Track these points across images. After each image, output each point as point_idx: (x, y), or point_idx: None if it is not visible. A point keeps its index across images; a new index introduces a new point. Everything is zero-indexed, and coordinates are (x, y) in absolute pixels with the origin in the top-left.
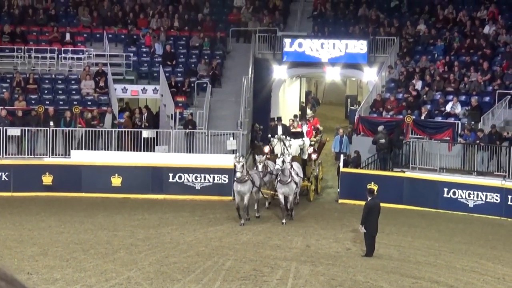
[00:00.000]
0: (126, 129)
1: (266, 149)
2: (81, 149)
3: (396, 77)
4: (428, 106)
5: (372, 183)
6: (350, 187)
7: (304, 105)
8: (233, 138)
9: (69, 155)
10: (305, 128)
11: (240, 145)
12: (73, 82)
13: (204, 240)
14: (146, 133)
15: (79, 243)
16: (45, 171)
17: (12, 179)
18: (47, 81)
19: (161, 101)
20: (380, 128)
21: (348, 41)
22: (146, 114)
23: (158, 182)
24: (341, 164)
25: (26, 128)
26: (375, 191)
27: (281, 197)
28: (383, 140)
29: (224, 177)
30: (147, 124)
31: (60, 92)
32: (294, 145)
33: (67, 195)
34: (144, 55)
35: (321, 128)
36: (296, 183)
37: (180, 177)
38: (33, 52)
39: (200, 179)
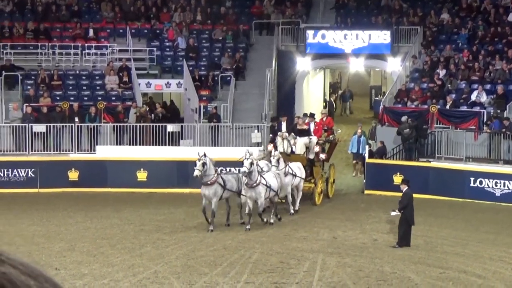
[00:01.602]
0: (151, 124)
1: (270, 147)
2: (107, 144)
3: (420, 66)
4: (453, 96)
5: (398, 173)
6: (375, 178)
7: (333, 99)
8: (258, 131)
9: (94, 150)
10: (312, 126)
11: (265, 137)
12: (97, 77)
13: (230, 233)
14: (171, 128)
15: (106, 238)
16: (71, 167)
17: (39, 175)
18: (71, 77)
19: (185, 95)
20: (404, 118)
21: (372, 32)
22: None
23: (184, 176)
24: (366, 155)
25: (52, 125)
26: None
27: (249, 202)
28: (407, 130)
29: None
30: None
31: (84, 88)
32: (299, 143)
33: (93, 191)
34: (168, 49)
35: (337, 129)
36: (268, 187)
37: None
38: (57, 48)
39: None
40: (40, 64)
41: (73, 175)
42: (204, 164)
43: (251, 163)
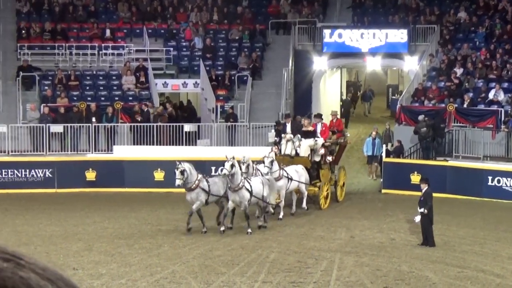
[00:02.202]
0: (168, 124)
1: (275, 149)
2: (124, 144)
3: (438, 65)
4: (471, 94)
5: (415, 172)
6: (393, 177)
7: (349, 98)
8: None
9: (111, 150)
10: (319, 128)
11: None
12: (114, 78)
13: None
14: (188, 127)
15: (124, 238)
16: (88, 167)
17: (56, 175)
18: (88, 78)
19: (202, 95)
20: (421, 117)
21: (388, 31)
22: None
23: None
24: (383, 154)
25: (69, 125)
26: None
27: (230, 205)
28: (424, 129)
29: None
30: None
31: (101, 88)
32: (304, 145)
33: (110, 191)
34: (184, 49)
35: (346, 131)
36: (248, 190)
37: (222, 170)
38: (74, 49)
39: None
40: (57, 65)
41: (91, 175)
42: (183, 171)
43: (232, 165)
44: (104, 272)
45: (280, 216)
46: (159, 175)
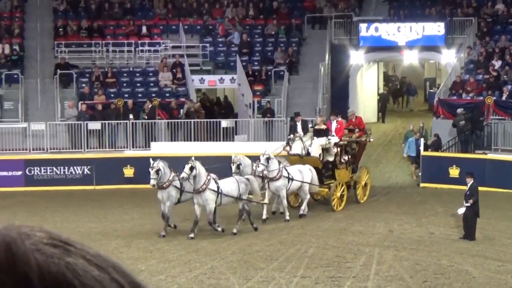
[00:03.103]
0: (206, 120)
1: (286, 148)
2: (161, 140)
3: (475, 58)
4: (509, 87)
5: (454, 166)
6: (431, 171)
7: (386, 92)
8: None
9: (149, 147)
10: (334, 126)
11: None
12: (150, 74)
13: (286, 228)
14: (225, 123)
15: (166, 235)
16: (126, 163)
17: (94, 172)
18: (125, 75)
19: (238, 90)
20: (459, 110)
21: (425, 24)
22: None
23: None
24: (421, 148)
25: (106, 122)
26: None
27: (196, 209)
28: (463, 122)
29: None
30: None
31: (138, 84)
32: (315, 144)
33: (148, 187)
34: (220, 45)
35: (369, 130)
36: (219, 193)
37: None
38: (110, 46)
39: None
40: (94, 62)
41: (129, 171)
42: (158, 171)
43: (191, 168)
44: (143, 268)
45: (287, 217)
46: None
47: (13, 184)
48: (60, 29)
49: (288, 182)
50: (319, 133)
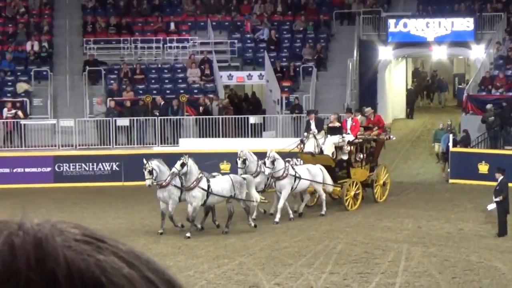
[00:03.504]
0: (234, 116)
1: (300, 145)
2: (189, 137)
3: (505, 53)
4: None
5: (483, 162)
6: (460, 167)
7: (413, 88)
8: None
9: (177, 143)
10: (349, 123)
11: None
12: (179, 70)
13: (314, 224)
14: (253, 119)
15: (191, 230)
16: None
17: (123, 168)
18: (153, 71)
19: (266, 86)
20: (489, 106)
21: (454, 19)
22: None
23: None
24: (450, 143)
25: (135, 118)
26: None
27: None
28: (492, 118)
29: None
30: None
31: (166, 81)
32: (328, 143)
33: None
34: (249, 41)
35: (388, 128)
36: (209, 192)
37: (288, 162)
38: (139, 42)
39: None
40: (123, 59)
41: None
42: (151, 171)
43: (182, 164)
44: (172, 264)
45: (291, 215)
46: (225, 167)
47: (42, 181)
48: (89, 26)
49: (295, 181)
50: (332, 131)
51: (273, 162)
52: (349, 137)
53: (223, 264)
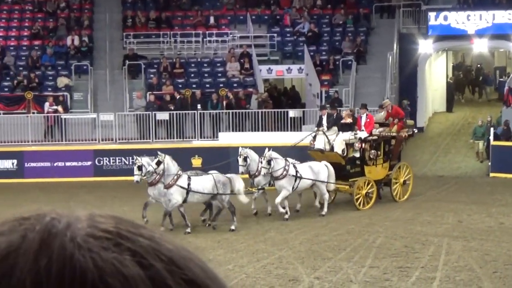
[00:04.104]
0: (273, 110)
1: (311, 142)
2: (229, 130)
3: None
4: None
5: None
6: (501, 161)
7: (452, 81)
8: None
9: (217, 137)
10: (363, 120)
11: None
12: (218, 64)
13: (354, 218)
14: (292, 113)
15: (230, 224)
16: (194, 153)
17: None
18: (193, 65)
19: (306, 80)
20: None
21: (496, 12)
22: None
23: (306, 161)
24: (491, 137)
25: (174, 112)
26: None
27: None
28: None
29: None
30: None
31: (206, 75)
32: (338, 140)
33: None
34: (288, 35)
35: (408, 120)
36: (188, 190)
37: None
38: (178, 36)
39: None
40: (162, 53)
41: (197, 162)
42: (140, 167)
43: (158, 162)
44: (211, 258)
45: (287, 216)
46: None
47: (83, 174)
48: (129, 20)
49: (296, 180)
50: (344, 127)
51: (269, 162)
52: (363, 134)
53: (262, 258)
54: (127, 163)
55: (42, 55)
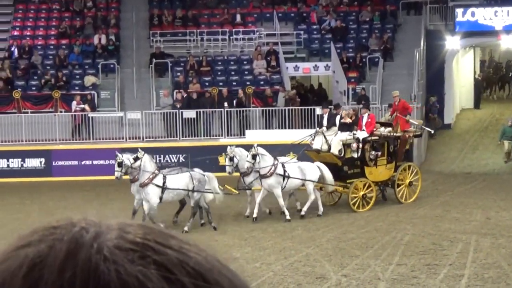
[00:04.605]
0: (300, 107)
1: (311, 141)
2: (256, 128)
3: None
4: None
5: None
6: None
7: (480, 78)
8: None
9: (244, 135)
10: (364, 119)
11: (415, 118)
12: (245, 62)
13: (381, 215)
14: (319, 110)
15: (257, 222)
16: (221, 151)
17: (190, 160)
18: (219, 63)
19: (333, 77)
20: None
21: None
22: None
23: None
24: None
25: (201, 110)
26: None
27: (144, 204)
28: None
29: None
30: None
31: (232, 73)
32: (335, 140)
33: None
34: (315, 32)
35: (412, 120)
36: (160, 186)
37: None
38: (205, 35)
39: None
40: (189, 51)
41: (224, 160)
42: (120, 163)
43: (136, 158)
44: (239, 255)
45: (288, 217)
46: (292, 158)
47: (110, 173)
48: (155, 19)
49: (284, 179)
50: (343, 127)
51: (254, 157)
52: (362, 134)
53: (290, 256)
54: (154, 161)
55: (69, 54)
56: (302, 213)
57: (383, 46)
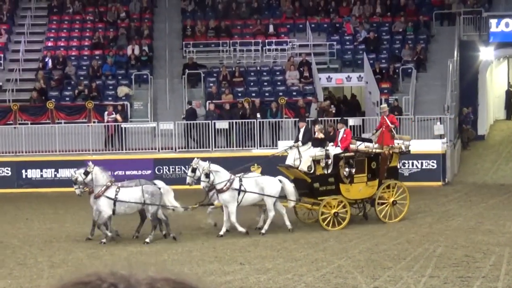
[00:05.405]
0: (333, 118)
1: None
2: (288, 139)
3: None
4: None
5: None
6: None
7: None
8: (441, 123)
9: (276, 145)
10: (340, 135)
11: (448, 129)
12: (277, 73)
13: (414, 227)
14: (352, 121)
15: (290, 233)
16: (253, 162)
17: None
18: (252, 74)
19: (366, 88)
20: None
21: None
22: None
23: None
24: None
25: (234, 121)
26: None
27: (95, 214)
28: None
29: (432, 162)
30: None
31: (265, 84)
32: (305, 156)
33: None
34: (348, 43)
35: (404, 136)
36: (112, 198)
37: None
38: (238, 45)
39: (408, 165)
40: (222, 62)
41: (257, 170)
42: (76, 180)
43: (86, 173)
44: (271, 267)
45: (243, 229)
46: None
47: None
48: (188, 29)
49: (239, 194)
50: (315, 143)
51: (207, 175)
52: (336, 150)
53: (322, 267)
54: (186, 172)
55: (103, 65)
56: (263, 231)
57: (416, 57)
